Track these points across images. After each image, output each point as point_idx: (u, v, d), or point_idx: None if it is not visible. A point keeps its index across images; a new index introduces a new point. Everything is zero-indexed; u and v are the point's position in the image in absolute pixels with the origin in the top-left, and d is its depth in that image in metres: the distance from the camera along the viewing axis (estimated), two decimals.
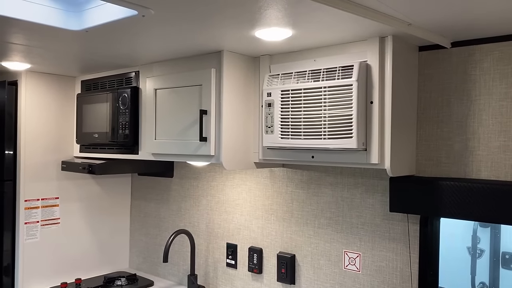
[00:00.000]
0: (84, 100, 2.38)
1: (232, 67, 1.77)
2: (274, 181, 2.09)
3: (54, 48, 1.75)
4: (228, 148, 1.75)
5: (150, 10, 1.21)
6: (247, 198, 2.19)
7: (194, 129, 1.82)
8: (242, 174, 2.22)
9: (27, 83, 2.36)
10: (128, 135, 2.11)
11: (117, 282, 2.48)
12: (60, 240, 2.50)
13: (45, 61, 2.07)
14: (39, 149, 2.41)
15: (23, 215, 2.35)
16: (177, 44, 1.66)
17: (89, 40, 1.61)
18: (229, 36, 1.53)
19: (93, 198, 2.65)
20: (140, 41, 1.62)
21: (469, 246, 2.45)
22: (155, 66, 2.04)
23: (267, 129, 1.72)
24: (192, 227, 2.45)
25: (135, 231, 2.79)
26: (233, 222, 2.25)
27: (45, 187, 2.43)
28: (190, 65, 1.88)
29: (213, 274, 2.33)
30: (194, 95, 1.82)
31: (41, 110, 2.42)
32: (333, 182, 1.89)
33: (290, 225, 2.02)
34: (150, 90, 2.01)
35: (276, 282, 2.06)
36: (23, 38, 1.61)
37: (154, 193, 2.67)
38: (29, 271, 2.37)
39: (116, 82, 2.25)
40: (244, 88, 1.83)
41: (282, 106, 1.67)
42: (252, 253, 2.14)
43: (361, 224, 1.80)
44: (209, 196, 2.37)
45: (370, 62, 1.50)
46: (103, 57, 1.93)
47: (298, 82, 1.63)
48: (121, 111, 2.14)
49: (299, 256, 1.99)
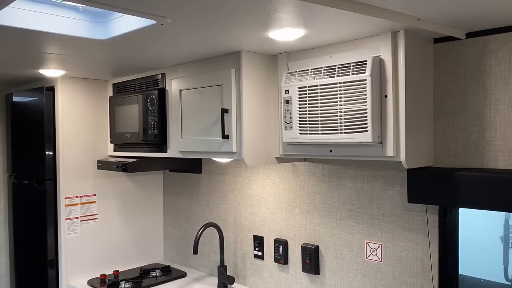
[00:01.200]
0: (116, 102, 2.51)
1: (251, 66, 1.84)
2: (297, 175, 2.15)
3: (85, 55, 1.88)
4: (249, 145, 1.83)
5: (167, 19, 1.30)
6: (271, 192, 2.26)
7: (216, 127, 1.90)
8: (266, 168, 2.29)
9: (63, 88, 2.52)
10: (157, 134, 2.22)
11: (152, 274, 2.62)
12: (98, 235, 2.66)
13: (78, 67, 2.21)
14: (76, 150, 2.57)
15: (64, 212, 2.52)
16: (197, 47, 1.75)
17: (115, 48, 1.72)
18: (245, 38, 1.60)
19: (128, 195, 2.79)
20: (162, 46, 1.71)
21: (501, 236, 2.43)
22: (179, 68, 2.13)
23: (286, 125, 1.78)
24: (220, 220, 2.55)
25: (168, 225, 2.92)
26: (259, 215, 2.33)
27: (83, 185, 2.59)
28: (211, 66, 1.97)
29: (242, 265, 2.43)
30: (215, 94, 1.91)
31: (77, 112, 2.57)
32: (354, 175, 1.93)
33: (313, 217, 2.08)
34: (176, 91, 2.11)
35: (301, 272, 2.13)
36: (57, 49, 1.74)
37: (185, 189, 2.79)
38: (71, 264, 2.55)
39: (145, 84, 2.37)
40: (263, 86, 1.89)
41: (300, 103, 1.72)
42: (277, 244, 2.21)
43: (381, 215, 1.83)
44: (236, 190, 2.45)
45: (384, 57, 1.53)
46: (129, 61, 2.04)
47: (315, 78, 1.68)
48: (150, 111, 2.25)
49: (322, 247, 2.05)
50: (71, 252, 2.54)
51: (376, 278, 1.85)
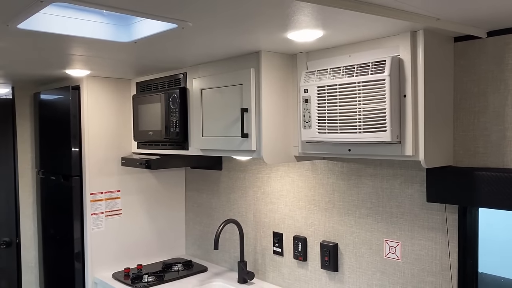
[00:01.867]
0: (139, 101, 2.58)
1: (270, 66, 1.86)
2: (316, 173, 2.17)
3: (109, 56, 1.94)
4: (268, 143, 1.86)
5: (188, 23, 1.33)
6: (290, 189, 2.29)
7: (236, 126, 1.94)
8: (285, 166, 2.31)
9: (88, 87, 2.60)
10: (179, 132, 2.27)
11: (175, 268, 2.68)
12: (122, 229, 2.74)
13: (102, 67, 2.27)
14: (101, 147, 2.65)
15: (90, 207, 2.60)
16: (217, 48, 1.78)
17: (138, 49, 1.77)
18: (264, 39, 1.62)
19: (151, 191, 2.86)
20: (184, 48, 1.75)
21: None
22: (200, 68, 2.18)
23: (305, 124, 1.80)
24: (240, 217, 2.59)
25: (190, 220, 2.98)
26: (278, 212, 2.36)
27: (108, 181, 2.67)
28: (231, 66, 2.00)
29: (261, 261, 2.46)
30: (235, 94, 1.94)
31: (102, 110, 2.65)
32: (373, 173, 1.93)
33: (332, 215, 2.10)
34: (197, 90, 2.15)
35: (320, 269, 2.15)
36: (82, 51, 1.80)
37: (205, 185, 2.84)
38: (96, 258, 2.63)
39: (167, 83, 2.42)
40: (283, 85, 1.92)
41: (319, 102, 1.74)
42: (296, 241, 2.24)
43: (400, 214, 1.84)
44: (255, 187, 2.49)
45: (403, 57, 1.53)
46: (152, 62, 2.10)
47: (334, 78, 1.69)
48: (172, 110, 2.30)
49: (341, 244, 2.06)
50: (96, 246, 2.63)
51: (395, 276, 1.86)
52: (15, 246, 3.29)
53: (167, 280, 2.49)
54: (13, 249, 3.29)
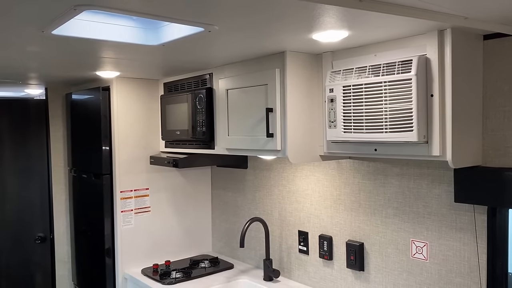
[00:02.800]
0: (166, 101, 2.63)
1: (295, 66, 1.88)
2: (341, 172, 2.17)
3: (138, 59, 1.99)
4: (293, 143, 1.87)
5: (214, 26, 1.36)
6: (315, 189, 2.29)
7: (262, 126, 1.96)
8: (310, 165, 2.32)
9: (118, 88, 2.67)
10: (205, 132, 2.31)
11: (201, 264, 2.73)
12: (151, 226, 2.81)
13: (131, 69, 2.33)
14: (131, 146, 2.72)
15: (120, 205, 2.68)
16: (242, 49, 1.81)
17: (166, 52, 1.81)
18: (289, 40, 1.63)
19: (178, 189, 2.92)
20: (210, 50, 1.78)
21: None
22: (226, 68, 2.21)
23: (330, 124, 1.81)
24: (266, 215, 2.61)
25: (216, 218, 3.03)
26: (303, 211, 2.37)
27: (137, 179, 2.75)
28: (256, 66, 2.02)
29: (287, 259, 2.48)
30: (260, 94, 1.96)
31: (131, 110, 2.72)
32: (399, 173, 1.92)
33: (358, 215, 2.10)
34: (222, 90, 2.18)
35: (345, 268, 2.15)
36: (113, 54, 1.86)
37: (231, 183, 2.88)
38: (126, 254, 2.71)
39: (193, 83, 2.46)
40: (308, 84, 1.92)
41: (344, 101, 1.74)
42: (322, 240, 2.25)
43: (427, 214, 1.82)
44: (281, 186, 2.51)
45: (430, 56, 1.51)
46: (179, 63, 2.14)
47: (359, 77, 1.69)
48: (198, 110, 2.34)
49: (367, 244, 2.06)
50: (126, 242, 2.71)
51: (422, 277, 1.84)
52: (49, 241, 3.42)
53: (195, 277, 2.54)
54: (47, 244, 3.42)
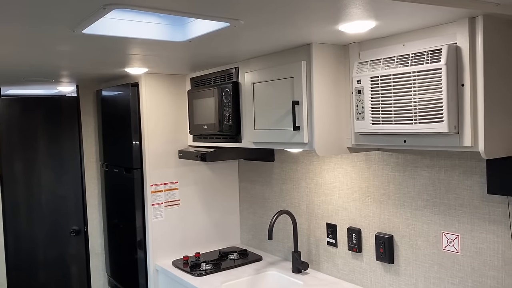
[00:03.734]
0: (193, 96, 2.66)
1: (322, 58, 1.86)
2: (370, 164, 2.15)
3: (166, 55, 2.02)
4: (320, 135, 1.86)
5: (240, 21, 1.37)
6: (343, 181, 2.28)
7: (288, 119, 1.96)
8: (338, 158, 2.31)
9: (146, 84, 2.72)
10: (232, 125, 2.33)
11: (230, 256, 2.77)
12: (181, 219, 2.86)
13: (159, 65, 2.37)
14: (160, 140, 2.77)
15: (150, 198, 2.74)
16: (268, 43, 1.81)
17: (192, 48, 1.83)
18: (315, 32, 1.62)
19: (206, 182, 2.96)
20: (235, 44, 1.79)
21: None
22: (252, 62, 2.21)
23: (358, 116, 1.79)
24: (293, 208, 2.62)
25: (244, 211, 3.06)
26: (331, 204, 2.36)
27: (166, 173, 2.80)
28: (282, 59, 2.01)
29: (315, 252, 2.48)
30: (287, 87, 1.96)
31: (159, 106, 2.76)
32: (430, 164, 1.89)
33: (387, 207, 2.07)
34: (248, 84, 2.19)
35: (375, 261, 2.14)
36: (141, 51, 1.89)
37: (258, 176, 2.89)
38: (157, 246, 2.78)
39: (220, 78, 2.48)
40: (335, 76, 1.91)
41: (372, 93, 1.72)
42: (351, 233, 2.24)
43: (459, 205, 1.78)
44: (308, 179, 2.50)
45: (460, 44, 1.48)
46: (205, 58, 2.16)
47: (387, 68, 1.67)
48: (225, 104, 2.36)
49: (397, 236, 2.04)
50: (157, 234, 2.77)
51: (453, 270, 1.81)
52: (83, 234, 3.53)
53: (224, 268, 2.57)
54: (82, 237, 3.54)
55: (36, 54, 1.88)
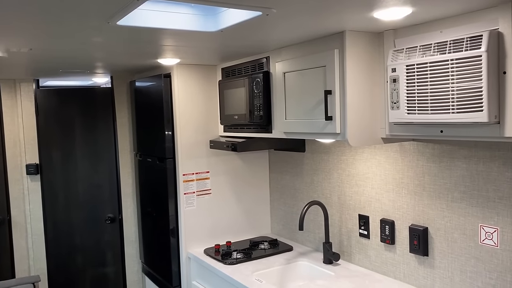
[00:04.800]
0: (224, 86, 2.67)
1: (355, 46, 1.82)
2: (404, 155, 2.10)
3: (197, 45, 2.03)
4: (353, 126, 1.83)
5: (272, 9, 1.35)
6: (377, 172, 2.24)
7: (320, 109, 1.93)
8: (371, 148, 2.27)
9: (178, 74, 2.74)
10: (262, 116, 2.32)
11: (261, 246, 2.78)
12: (212, 208, 2.89)
13: (190, 56, 2.39)
14: (191, 131, 2.80)
15: (182, 187, 2.78)
16: (300, 31, 1.78)
17: (224, 38, 1.83)
18: (348, 19, 1.59)
19: (237, 172, 2.98)
20: (267, 33, 1.78)
21: None
22: (283, 51, 2.19)
23: (393, 105, 1.75)
24: (324, 199, 2.60)
25: (274, 201, 3.06)
26: (364, 195, 2.33)
27: (198, 163, 2.83)
28: (314, 48, 1.98)
29: (347, 243, 2.46)
30: (319, 76, 1.93)
31: (191, 96, 2.79)
32: (467, 155, 1.82)
33: (422, 199, 2.02)
34: (279, 74, 2.18)
35: (408, 253, 2.10)
36: (173, 41, 1.91)
37: (289, 167, 2.88)
38: (189, 234, 2.82)
39: (250, 67, 2.47)
40: (368, 65, 1.87)
41: (408, 81, 1.67)
42: (384, 224, 2.20)
43: (498, 198, 1.72)
44: (340, 169, 2.47)
45: (502, 30, 1.41)
46: (236, 48, 2.15)
47: (424, 55, 1.61)
48: (256, 94, 2.36)
49: (431, 229, 1.99)
50: (189, 223, 2.81)
51: (492, 264, 1.76)
52: (118, 221, 3.63)
53: (255, 258, 2.59)
54: (117, 224, 3.64)
55: (72, 46, 1.93)
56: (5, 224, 3.39)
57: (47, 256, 3.49)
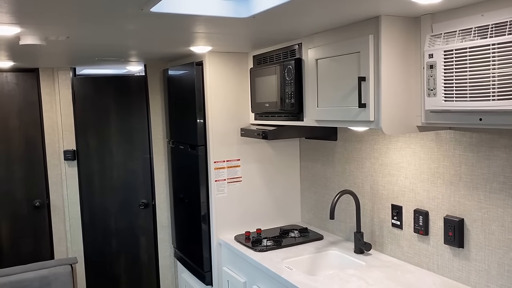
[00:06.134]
0: (256, 73, 2.66)
1: (391, 31, 1.77)
2: (440, 144, 2.04)
3: (229, 32, 2.03)
4: (387, 113, 1.79)
5: None
6: (411, 161, 2.19)
7: (353, 96, 1.90)
8: (405, 137, 2.21)
9: (210, 62, 2.75)
10: (294, 103, 2.30)
11: (291, 234, 2.79)
12: (242, 195, 2.91)
13: (222, 43, 2.39)
14: (223, 118, 2.82)
15: (214, 174, 2.81)
16: (334, 16, 1.75)
17: (256, 24, 1.82)
18: (384, 4, 1.54)
19: (268, 160, 2.98)
20: (299, 18, 1.75)
21: None
22: (316, 37, 2.16)
23: (429, 92, 1.69)
24: (356, 188, 2.57)
25: (305, 189, 3.04)
26: (397, 185, 2.28)
27: (229, 150, 2.85)
28: (348, 34, 1.94)
29: (379, 233, 2.43)
30: (352, 62, 1.89)
31: (222, 84, 2.80)
32: (508, 145, 1.75)
33: (458, 189, 1.96)
34: (312, 60, 2.15)
35: (443, 244, 2.05)
36: (205, 28, 1.91)
37: (320, 155, 2.85)
38: (220, 220, 2.85)
39: (282, 55, 2.45)
40: (404, 50, 1.81)
41: (445, 67, 1.61)
42: (417, 215, 2.16)
43: None
44: (373, 158, 2.43)
45: None
46: (269, 34, 2.14)
47: (463, 40, 1.55)
48: (287, 81, 2.34)
49: (468, 220, 1.93)
50: (220, 210, 2.85)
51: None
52: (151, 207, 3.72)
53: (285, 246, 2.60)
54: (150, 210, 3.72)
55: (107, 34, 1.97)
56: (45, 207, 3.53)
57: (83, 239, 3.62)
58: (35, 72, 3.44)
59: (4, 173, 3.40)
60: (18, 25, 1.71)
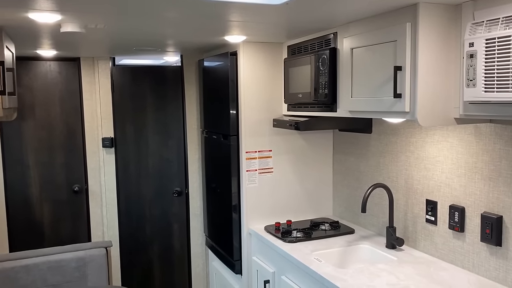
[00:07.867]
0: (289, 64, 2.64)
1: (429, 20, 1.71)
2: (480, 138, 1.95)
3: (263, 20, 2.02)
4: (423, 104, 1.73)
5: None
6: (448, 155, 2.11)
7: (388, 86, 1.85)
8: (443, 130, 2.14)
9: (244, 52, 2.76)
10: (327, 94, 2.27)
11: (322, 227, 2.76)
12: (273, 186, 2.91)
13: (256, 32, 2.38)
14: (255, 109, 2.82)
15: (245, 164, 2.82)
16: (371, 3, 1.70)
17: (290, 11, 1.80)
18: None
19: (300, 151, 2.96)
20: (335, 5, 1.72)
21: None
22: (351, 26, 2.11)
23: (469, 82, 1.63)
24: (390, 182, 2.51)
25: (337, 183, 3.00)
26: (433, 179, 2.21)
27: (260, 141, 2.85)
28: (384, 22, 1.89)
29: (412, 229, 2.36)
30: (388, 51, 1.84)
31: (256, 74, 2.80)
32: None
33: (498, 185, 1.88)
34: (347, 50, 2.11)
35: (479, 242, 1.97)
36: (239, 16, 1.91)
37: (354, 148, 2.81)
38: (251, 210, 2.87)
39: (317, 44, 2.42)
40: (443, 39, 1.74)
41: (487, 56, 1.54)
42: (453, 211, 2.08)
43: None
44: (408, 152, 2.36)
45: None
46: (303, 23, 2.11)
47: (507, 28, 1.48)
48: (321, 72, 2.31)
49: (507, 217, 1.85)
50: (250, 200, 2.86)
51: None
52: (184, 195, 3.78)
53: (315, 238, 2.57)
54: (183, 198, 3.79)
55: (145, 22, 2.00)
56: (83, 193, 3.66)
57: (119, 224, 3.73)
58: (76, 61, 3.56)
59: (46, 159, 3.55)
60: (59, 12, 1.77)
